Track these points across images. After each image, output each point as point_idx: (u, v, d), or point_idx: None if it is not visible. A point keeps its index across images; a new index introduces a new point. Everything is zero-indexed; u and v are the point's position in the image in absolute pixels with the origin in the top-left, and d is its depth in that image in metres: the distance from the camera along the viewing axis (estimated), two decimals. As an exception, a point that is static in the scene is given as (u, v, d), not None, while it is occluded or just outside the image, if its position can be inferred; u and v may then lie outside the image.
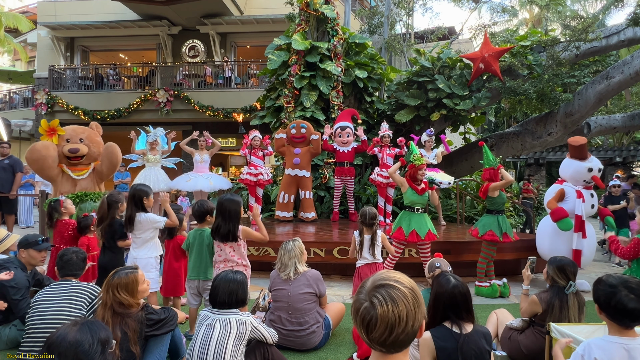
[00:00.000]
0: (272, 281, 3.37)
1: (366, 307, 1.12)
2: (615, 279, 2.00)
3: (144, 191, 3.63)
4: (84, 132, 6.02)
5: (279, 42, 9.15)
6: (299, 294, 3.21)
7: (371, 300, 1.11)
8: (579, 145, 4.86)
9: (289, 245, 3.32)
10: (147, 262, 3.56)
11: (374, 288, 1.14)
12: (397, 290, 1.12)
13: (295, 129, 7.13)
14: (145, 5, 14.22)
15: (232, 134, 15.46)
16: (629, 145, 16.93)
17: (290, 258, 3.29)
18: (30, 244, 3.41)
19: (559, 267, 2.91)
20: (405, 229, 4.52)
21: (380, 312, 1.09)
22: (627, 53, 11.25)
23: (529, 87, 7.80)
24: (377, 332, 1.10)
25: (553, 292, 2.87)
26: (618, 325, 1.94)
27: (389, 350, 1.14)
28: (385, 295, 1.11)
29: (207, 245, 3.56)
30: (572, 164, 4.94)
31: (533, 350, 2.87)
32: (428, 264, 3.10)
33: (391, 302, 1.10)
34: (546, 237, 5.13)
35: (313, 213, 7.34)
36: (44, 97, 14.86)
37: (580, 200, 4.78)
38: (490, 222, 4.78)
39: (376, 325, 1.09)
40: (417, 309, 1.12)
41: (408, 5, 13.25)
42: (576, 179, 4.92)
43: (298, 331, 3.19)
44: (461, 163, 9.73)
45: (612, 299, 1.93)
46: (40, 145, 5.65)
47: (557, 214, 4.67)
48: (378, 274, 1.21)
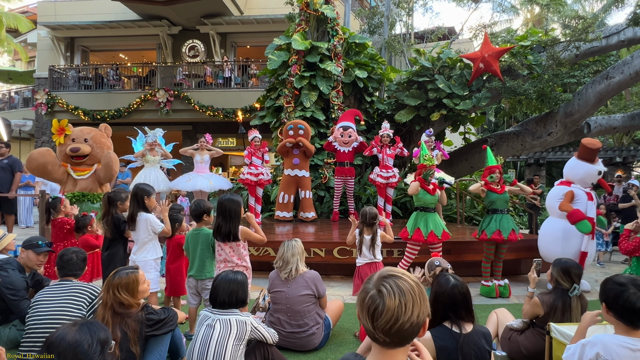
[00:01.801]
0: (271, 282, 3.34)
1: (372, 295, 1.13)
2: (624, 277, 1.98)
3: (146, 190, 3.63)
4: (90, 133, 6.07)
5: (279, 42, 9.15)
6: (297, 296, 3.18)
7: (378, 289, 1.13)
8: (594, 148, 4.85)
9: (290, 243, 3.31)
10: (145, 264, 3.55)
11: (382, 278, 1.15)
12: (404, 281, 1.14)
13: (293, 129, 7.12)
14: (145, 5, 14.22)
15: (232, 134, 15.47)
16: (629, 145, 16.92)
17: (293, 255, 3.25)
18: (32, 245, 3.40)
19: (563, 270, 2.89)
20: (424, 230, 4.58)
21: (387, 299, 1.10)
22: (627, 53, 11.24)
23: (529, 87, 7.80)
24: (383, 319, 1.10)
25: (556, 295, 2.85)
26: (625, 325, 1.92)
27: (393, 341, 1.14)
28: (393, 284, 1.12)
29: (205, 245, 3.55)
30: (584, 166, 4.92)
31: (533, 352, 2.86)
32: (428, 263, 3.10)
33: (398, 290, 1.11)
34: (552, 239, 5.07)
35: (313, 213, 7.34)
36: (44, 97, 14.85)
37: (592, 202, 4.79)
38: (486, 221, 4.84)
39: (383, 313, 1.10)
40: (422, 301, 1.14)
41: (408, 5, 13.26)
42: (586, 181, 4.92)
43: (298, 333, 3.17)
44: (461, 163, 9.74)
45: (620, 297, 1.91)
46: (36, 154, 5.70)
47: (576, 216, 4.63)
48: (384, 268, 1.22)
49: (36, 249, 3.40)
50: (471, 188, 5.01)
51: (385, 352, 1.17)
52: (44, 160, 5.65)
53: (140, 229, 3.56)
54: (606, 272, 6.24)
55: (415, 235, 4.60)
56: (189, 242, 3.63)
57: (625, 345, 1.86)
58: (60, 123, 5.93)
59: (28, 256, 3.39)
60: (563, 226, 4.91)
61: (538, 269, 3.16)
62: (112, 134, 6.41)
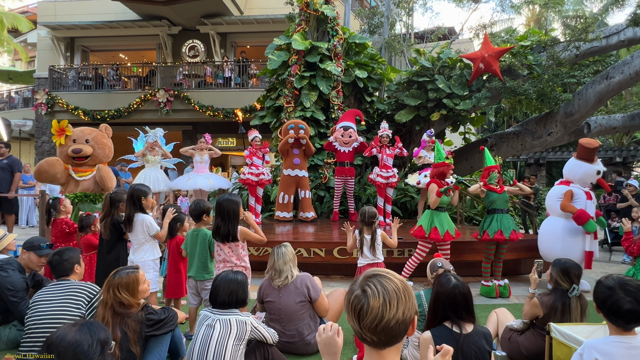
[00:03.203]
0: (263, 292, 3.22)
1: (357, 294, 1.15)
2: (613, 280, 1.99)
3: (142, 191, 3.61)
4: (91, 134, 6.05)
5: (279, 42, 9.15)
6: (288, 305, 3.08)
7: (363, 289, 1.15)
8: (592, 148, 4.86)
9: (280, 250, 3.17)
10: (144, 264, 3.53)
11: (366, 279, 1.18)
12: (389, 280, 1.16)
13: (294, 129, 7.12)
14: (145, 5, 14.22)
15: (232, 134, 15.46)
16: (629, 145, 16.93)
17: (286, 263, 3.14)
18: (33, 247, 3.40)
19: (563, 270, 2.88)
20: (441, 230, 4.66)
21: (372, 297, 1.12)
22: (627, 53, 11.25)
23: (529, 87, 7.80)
24: (368, 318, 1.12)
25: (556, 296, 2.84)
26: (616, 327, 1.94)
27: (380, 340, 1.15)
28: (377, 283, 1.15)
29: (204, 245, 3.54)
30: (583, 166, 4.92)
31: (532, 352, 2.86)
32: (430, 264, 3.09)
33: (382, 289, 1.13)
34: (553, 239, 5.06)
35: (312, 213, 7.34)
36: (44, 97, 14.85)
37: (591, 201, 4.80)
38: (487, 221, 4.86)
39: (368, 311, 1.12)
40: (407, 298, 1.15)
41: (408, 5, 13.26)
42: (585, 181, 4.93)
43: (293, 343, 3.11)
44: (461, 163, 9.74)
45: (608, 300, 1.94)
46: (45, 165, 5.73)
47: (583, 217, 4.64)
48: (370, 269, 1.25)
49: (38, 251, 3.39)
50: (470, 189, 5.04)
51: (376, 353, 1.18)
52: (54, 171, 5.70)
53: (137, 230, 3.54)
54: (606, 272, 6.23)
55: (432, 234, 4.67)
56: (187, 242, 3.62)
57: (620, 345, 1.89)
58: (60, 124, 5.92)
59: (29, 258, 3.39)
60: (563, 225, 4.91)
61: (539, 269, 3.16)
62: (112, 134, 6.40)
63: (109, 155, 6.22)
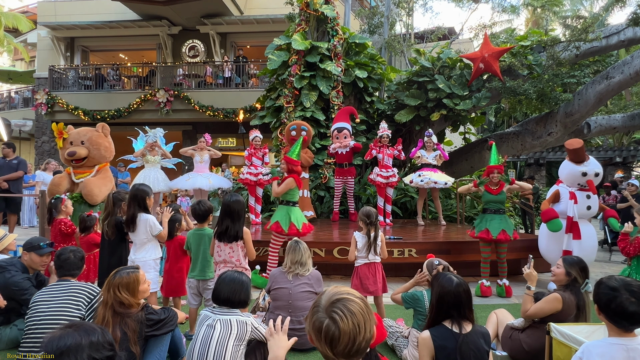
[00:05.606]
0: (273, 280, 3.34)
1: (327, 324, 1.16)
2: (616, 281, 1.95)
3: (145, 191, 3.62)
4: (87, 134, 6.01)
5: (279, 42, 9.15)
6: (299, 292, 3.24)
7: (331, 316, 1.16)
8: (574, 148, 4.87)
9: (299, 246, 3.37)
10: (144, 264, 3.53)
11: (331, 304, 1.19)
12: (352, 302, 1.18)
13: (296, 130, 7.10)
14: (145, 5, 14.22)
15: (232, 134, 15.46)
16: (629, 145, 16.94)
17: (309, 257, 3.39)
18: (33, 247, 3.39)
19: (582, 268, 2.91)
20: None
21: (342, 325, 1.14)
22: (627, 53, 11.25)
23: (529, 87, 7.80)
24: (341, 345, 1.14)
25: (575, 292, 2.85)
26: (617, 328, 1.92)
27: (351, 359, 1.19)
28: (343, 308, 1.16)
29: (208, 245, 3.56)
30: (568, 166, 4.98)
31: (535, 348, 2.84)
32: (427, 263, 3.09)
33: (349, 314, 1.16)
34: (553, 239, 5.09)
35: (311, 212, 7.32)
36: (44, 97, 14.85)
37: (572, 201, 4.80)
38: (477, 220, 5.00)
39: (339, 339, 1.14)
40: (370, 314, 1.19)
41: (408, 5, 13.26)
42: (571, 182, 4.96)
43: (298, 330, 3.16)
44: (461, 163, 9.74)
45: (612, 301, 1.90)
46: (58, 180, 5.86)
47: (546, 215, 4.77)
48: (329, 291, 1.25)
49: (38, 251, 3.39)
50: (460, 189, 5.09)
51: None
52: (61, 189, 5.76)
53: (140, 230, 3.55)
54: (606, 272, 6.24)
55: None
56: (190, 241, 3.62)
57: (620, 347, 1.87)
58: (58, 126, 5.92)
59: (31, 258, 3.38)
60: (562, 225, 4.91)
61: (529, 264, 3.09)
62: (112, 134, 6.38)
63: (106, 155, 6.17)
